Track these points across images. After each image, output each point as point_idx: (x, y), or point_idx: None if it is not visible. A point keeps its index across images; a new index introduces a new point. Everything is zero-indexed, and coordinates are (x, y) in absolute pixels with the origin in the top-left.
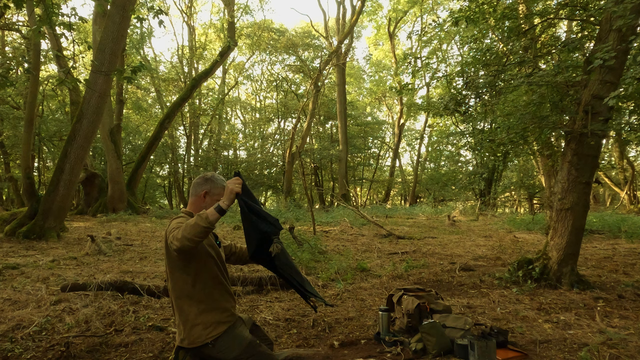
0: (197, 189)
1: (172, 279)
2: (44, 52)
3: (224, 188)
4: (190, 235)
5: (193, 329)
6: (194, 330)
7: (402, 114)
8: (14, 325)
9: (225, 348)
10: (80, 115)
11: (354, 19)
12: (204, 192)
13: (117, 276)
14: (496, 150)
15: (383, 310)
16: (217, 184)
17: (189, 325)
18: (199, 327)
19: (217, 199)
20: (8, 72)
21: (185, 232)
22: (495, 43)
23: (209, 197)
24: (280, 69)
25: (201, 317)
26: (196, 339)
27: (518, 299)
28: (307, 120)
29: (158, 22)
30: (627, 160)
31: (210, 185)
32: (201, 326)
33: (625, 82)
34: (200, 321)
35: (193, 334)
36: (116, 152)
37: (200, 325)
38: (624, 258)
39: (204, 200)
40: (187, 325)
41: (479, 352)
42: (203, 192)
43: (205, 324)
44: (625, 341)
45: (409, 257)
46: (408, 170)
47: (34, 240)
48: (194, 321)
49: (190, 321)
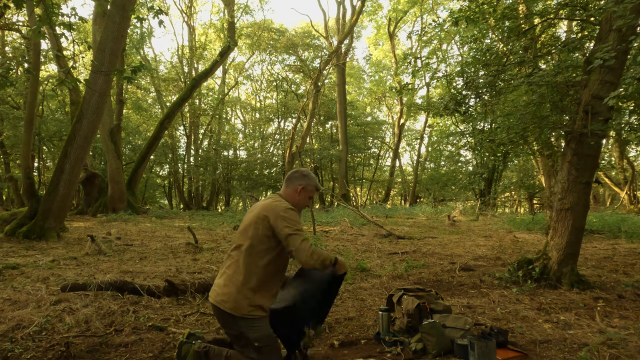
0: (294, 182)
1: (251, 248)
2: (44, 52)
3: (315, 187)
4: (318, 264)
5: (241, 300)
6: (241, 302)
7: (402, 114)
8: (14, 325)
9: (253, 327)
10: (80, 115)
11: (354, 19)
12: (301, 188)
13: (117, 276)
14: (496, 150)
15: (383, 310)
16: (312, 181)
17: (241, 294)
18: (246, 301)
19: (310, 195)
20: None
21: (318, 261)
22: (495, 43)
23: (303, 192)
24: (280, 69)
25: (253, 295)
26: (239, 309)
27: (518, 299)
28: (307, 120)
29: (158, 22)
30: (627, 160)
31: (306, 181)
32: (248, 301)
33: (625, 82)
34: (250, 296)
35: (239, 303)
36: (116, 152)
37: (248, 300)
38: (624, 258)
39: (299, 194)
40: (239, 291)
41: (479, 352)
42: (300, 187)
43: (253, 301)
44: (625, 341)
45: (409, 257)
46: (408, 170)
47: (34, 240)
48: (246, 294)
49: (242, 292)
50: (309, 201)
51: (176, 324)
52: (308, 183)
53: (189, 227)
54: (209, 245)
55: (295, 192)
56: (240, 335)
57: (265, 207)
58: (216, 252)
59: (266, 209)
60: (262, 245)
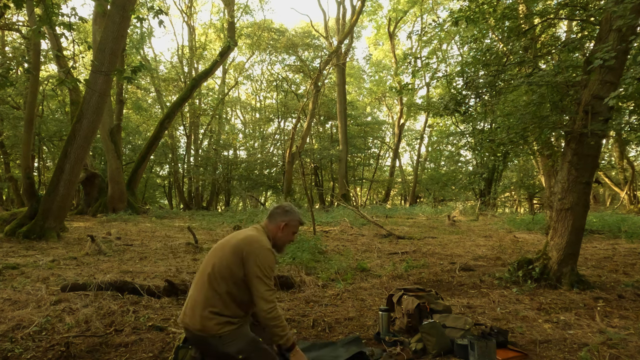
0: (277, 218)
1: (222, 280)
2: (44, 52)
3: (299, 222)
4: (273, 329)
5: (208, 321)
6: (208, 323)
7: (402, 114)
8: (14, 325)
9: (230, 341)
10: (80, 115)
11: (354, 19)
12: (284, 224)
13: (117, 276)
14: (496, 150)
15: (383, 310)
16: (295, 217)
17: (205, 317)
18: (213, 321)
19: (293, 231)
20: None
21: (277, 327)
22: (495, 43)
23: (287, 229)
24: (280, 69)
25: (218, 317)
26: (208, 329)
27: (518, 299)
28: (307, 120)
29: (158, 22)
30: (627, 160)
31: (289, 217)
32: (214, 321)
33: (625, 82)
34: (215, 318)
35: (206, 325)
36: (116, 152)
37: (214, 321)
38: (624, 258)
39: (282, 231)
40: (203, 315)
41: (479, 352)
42: (283, 224)
43: (219, 321)
44: (625, 341)
45: (409, 257)
46: (408, 170)
47: (34, 240)
48: (210, 316)
49: (206, 316)
50: (293, 236)
51: (176, 324)
52: (291, 219)
53: (189, 227)
54: (209, 245)
55: (278, 228)
56: (219, 354)
57: (244, 239)
58: None
59: (244, 242)
60: (233, 285)
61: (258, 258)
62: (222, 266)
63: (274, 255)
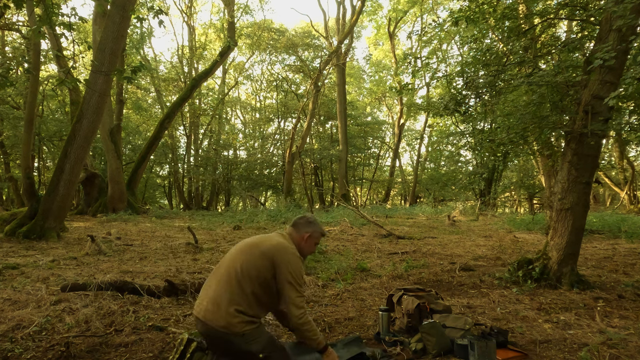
0: (300, 229)
1: (249, 280)
2: (44, 52)
3: (321, 234)
4: (305, 333)
5: (233, 318)
6: (233, 320)
7: (402, 114)
8: (14, 325)
9: (252, 340)
10: (80, 115)
11: (354, 19)
12: (308, 235)
13: (117, 276)
14: (496, 150)
15: (383, 310)
16: (318, 229)
17: (231, 314)
18: (237, 319)
19: (316, 242)
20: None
21: (309, 331)
22: (495, 43)
23: (310, 240)
24: (280, 69)
25: (242, 316)
26: (232, 327)
27: (518, 299)
28: (307, 120)
29: (158, 22)
30: (627, 160)
31: (312, 228)
32: (239, 319)
33: (625, 82)
34: (240, 317)
35: (231, 322)
36: (116, 152)
37: (239, 319)
38: (624, 258)
39: (305, 242)
40: (229, 312)
41: (479, 352)
42: (307, 235)
43: (243, 320)
44: (625, 341)
45: (409, 257)
46: (408, 170)
47: (34, 240)
48: (235, 314)
49: (232, 313)
50: (315, 247)
51: (176, 324)
52: (314, 230)
53: (189, 227)
54: (209, 245)
55: (302, 239)
56: (240, 352)
57: (276, 246)
58: (216, 252)
59: (277, 248)
60: (260, 286)
61: (290, 265)
62: (250, 267)
63: (303, 263)
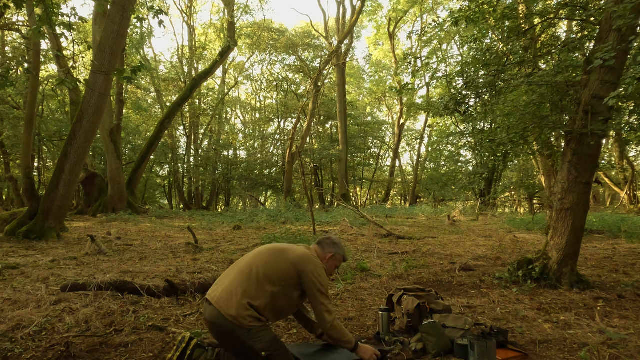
0: (325, 248)
1: (270, 282)
2: (44, 52)
3: (343, 258)
4: (337, 336)
5: (243, 310)
6: (243, 312)
7: (402, 114)
8: (14, 325)
9: (257, 337)
10: (80, 115)
11: (354, 19)
12: (331, 255)
13: (117, 276)
14: (496, 150)
15: (383, 310)
16: (341, 252)
17: (243, 306)
18: (247, 312)
19: (337, 264)
20: (8, 72)
21: (340, 334)
22: (495, 43)
23: (332, 260)
24: (280, 69)
25: (253, 311)
26: (240, 319)
27: (518, 299)
28: (307, 120)
29: (158, 22)
30: (627, 160)
31: (336, 250)
32: (249, 313)
33: (625, 82)
34: (250, 311)
35: (240, 314)
36: (116, 152)
37: (249, 312)
38: (624, 258)
39: (328, 261)
40: (241, 303)
41: (479, 352)
42: (330, 255)
43: (252, 315)
44: (625, 341)
45: (409, 257)
46: (408, 170)
47: (34, 240)
48: (247, 307)
49: (244, 305)
50: (334, 270)
51: (176, 324)
52: (337, 252)
53: (189, 227)
54: (209, 245)
55: (325, 258)
56: (244, 347)
57: (302, 256)
58: (216, 252)
59: (302, 258)
60: (284, 287)
61: (317, 274)
62: (273, 269)
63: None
